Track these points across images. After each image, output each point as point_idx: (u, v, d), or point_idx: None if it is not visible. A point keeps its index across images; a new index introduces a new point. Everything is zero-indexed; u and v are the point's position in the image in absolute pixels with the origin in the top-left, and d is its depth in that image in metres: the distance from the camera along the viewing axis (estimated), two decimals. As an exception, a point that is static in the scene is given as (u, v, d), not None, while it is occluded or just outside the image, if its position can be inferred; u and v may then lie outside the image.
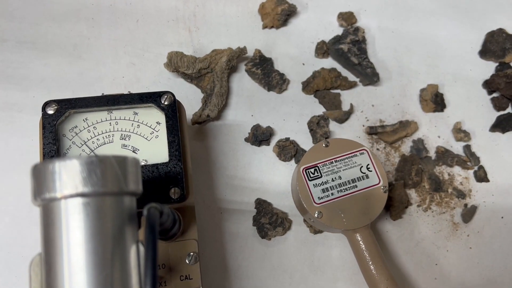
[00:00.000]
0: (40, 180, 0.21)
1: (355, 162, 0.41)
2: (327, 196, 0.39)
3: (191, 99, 0.46)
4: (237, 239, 0.42)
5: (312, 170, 0.40)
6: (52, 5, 0.48)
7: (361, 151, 0.41)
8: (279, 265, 0.41)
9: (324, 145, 0.41)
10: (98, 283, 0.20)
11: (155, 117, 0.34)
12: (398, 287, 0.37)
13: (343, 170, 0.40)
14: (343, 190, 0.39)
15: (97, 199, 0.21)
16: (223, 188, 0.43)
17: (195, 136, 0.45)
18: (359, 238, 0.39)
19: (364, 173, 0.40)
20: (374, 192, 0.40)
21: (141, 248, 0.22)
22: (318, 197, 0.39)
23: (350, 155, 0.41)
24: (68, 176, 0.21)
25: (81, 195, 0.21)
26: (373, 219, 0.39)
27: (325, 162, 0.40)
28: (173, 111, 0.34)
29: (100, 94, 0.35)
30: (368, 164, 0.41)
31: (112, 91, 0.45)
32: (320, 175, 0.40)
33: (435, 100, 0.48)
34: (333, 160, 0.40)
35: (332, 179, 0.40)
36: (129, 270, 0.22)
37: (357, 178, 0.40)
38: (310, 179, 0.39)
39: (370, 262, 0.38)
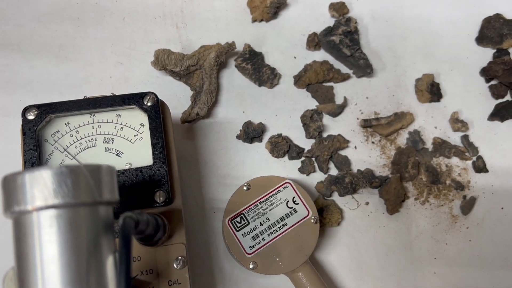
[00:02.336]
0: (9, 192, 0.20)
1: (280, 198, 0.38)
2: (258, 243, 0.37)
3: (180, 97, 0.45)
4: (231, 239, 0.41)
5: (238, 219, 0.37)
6: (36, 5, 0.47)
7: (284, 185, 0.39)
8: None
9: (245, 189, 0.38)
10: (72, 298, 0.20)
11: (138, 119, 0.33)
12: None
13: (269, 210, 0.38)
14: (273, 232, 0.37)
15: (70, 211, 0.20)
16: (216, 187, 0.42)
17: (185, 135, 0.44)
18: (301, 276, 0.37)
19: (291, 207, 0.38)
20: (305, 225, 0.38)
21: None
22: (249, 247, 0.37)
23: (273, 192, 0.39)
24: (38, 188, 0.20)
25: (52, 207, 0.20)
26: (310, 254, 0.37)
27: (249, 207, 0.38)
28: (156, 112, 0.33)
29: (83, 97, 0.34)
30: (294, 197, 0.39)
31: (100, 92, 0.44)
32: (247, 222, 0.37)
33: (431, 90, 0.47)
34: (257, 203, 0.38)
35: (260, 223, 0.37)
36: (106, 283, 0.21)
37: (285, 215, 0.38)
38: (237, 229, 0.37)
39: None
